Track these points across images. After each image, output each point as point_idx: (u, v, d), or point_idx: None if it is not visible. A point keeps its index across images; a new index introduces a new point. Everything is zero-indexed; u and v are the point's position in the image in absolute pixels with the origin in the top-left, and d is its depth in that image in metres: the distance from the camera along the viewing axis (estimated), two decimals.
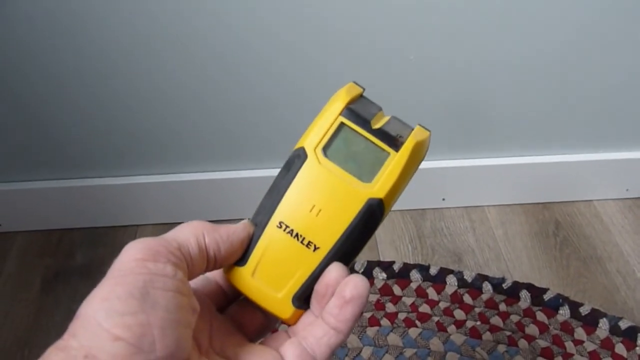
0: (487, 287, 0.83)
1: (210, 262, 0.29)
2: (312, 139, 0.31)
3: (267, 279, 0.31)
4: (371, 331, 0.78)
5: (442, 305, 0.81)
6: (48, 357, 0.24)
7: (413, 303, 0.81)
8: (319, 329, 0.30)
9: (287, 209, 0.31)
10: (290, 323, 0.31)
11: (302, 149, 0.31)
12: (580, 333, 0.78)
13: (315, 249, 0.30)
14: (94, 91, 0.79)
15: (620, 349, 0.76)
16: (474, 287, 0.83)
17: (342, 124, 0.31)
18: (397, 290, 0.83)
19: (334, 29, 0.74)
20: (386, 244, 0.91)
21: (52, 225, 0.93)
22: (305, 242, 0.30)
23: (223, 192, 0.91)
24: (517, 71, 0.82)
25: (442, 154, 0.92)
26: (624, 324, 0.78)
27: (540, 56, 0.81)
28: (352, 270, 0.83)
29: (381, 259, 0.88)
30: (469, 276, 0.84)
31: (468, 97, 0.85)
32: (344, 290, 0.29)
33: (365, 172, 0.31)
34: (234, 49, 0.75)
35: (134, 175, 0.89)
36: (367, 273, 0.85)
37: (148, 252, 0.26)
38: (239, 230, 0.30)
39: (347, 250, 0.30)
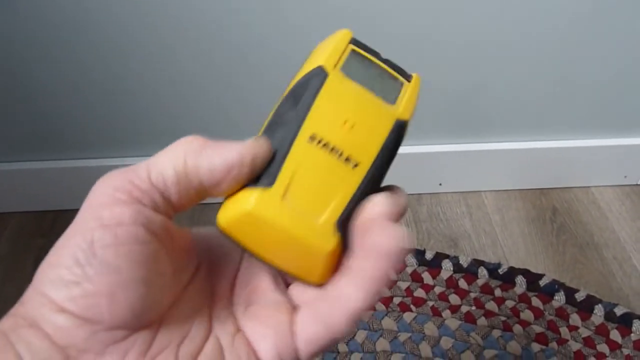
0: (482, 272, 0.83)
1: (202, 190, 0.25)
2: (329, 58, 0.28)
3: (304, 202, 0.25)
4: (365, 315, 0.77)
5: (437, 290, 0.81)
6: (2, 322, 0.23)
7: (408, 287, 0.81)
8: (339, 291, 0.25)
9: (317, 121, 0.26)
10: (334, 254, 0.25)
11: (320, 68, 0.27)
12: (575, 319, 0.78)
13: (355, 165, 0.26)
14: (90, 71, 0.78)
15: (615, 335, 0.76)
16: (470, 272, 0.83)
17: (354, 51, 0.29)
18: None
19: (334, 8, 0.73)
20: None
21: (46, 207, 0.93)
22: (344, 157, 0.26)
23: None
24: (515, 56, 0.81)
25: (439, 138, 0.92)
26: (619, 311, 0.78)
27: (540, 41, 0.80)
28: None
29: None
30: (464, 261, 0.84)
31: (466, 82, 0.84)
32: (375, 239, 0.24)
33: (388, 94, 0.28)
34: (235, 30, 0.74)
35: (129, 157, 0.89)
36: None
37: (108, 192, 0.23)
38: (239, 150, 0.25)
39: (382, 170, 0.27)
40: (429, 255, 0.85)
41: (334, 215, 0.25)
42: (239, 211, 0.25)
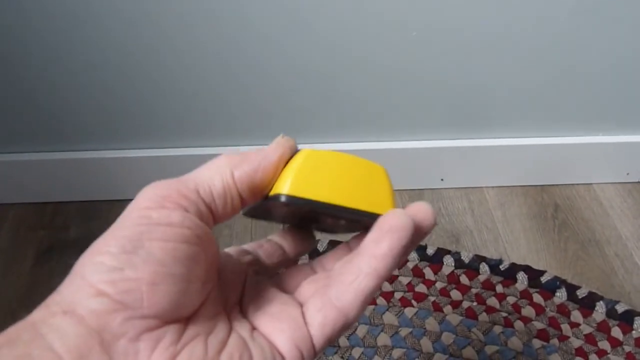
0: (484, 268, 0.83)
1: (246, 197, 0.27)
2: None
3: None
4: (367, 309, 0.77)
5: (439, 285, 0.81)
6: (33, 313, 0.22)
7: (409, 282, 0.81)
8: (348, 272, 0.26)
9: None
10: (385, 171, 0.28)
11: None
12: (576, 316, 0.78)
13: None
14: (90, 63, 0.77)
15: (616, 332, 0.76)
16: (471, 268, 0.83)
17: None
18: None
19: (337, 2, 0.73)
20: None
21: (46, 198, 0.92)
22: None
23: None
24: (517, 52, 0.81)
25: (441, 134, 0.91)
26: (620, 308, 0.78)
27: (542, 37, 0.80)
28: None
29: None
30: (466, 257, 0.84)
31: (468, 78, 0.84)
32: (383, 221, 0.25)
33: None
34: (235, 21, 0.74)
35: (130, 149, 0.88)
36: None
37: (156, 199, 0.24)
38: (272, 152, 0.27)
39: None
40: (430, 251, 0.85)
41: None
42: (299, 164, 0.26)
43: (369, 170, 0.27)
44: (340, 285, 0.26)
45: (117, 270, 0.22)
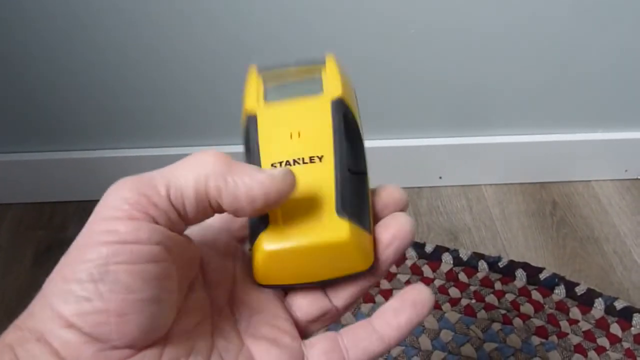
0: (482, 265, 0.83)
1: (220, 210, 0.25)
2: (250, 101, 0.30)
3: (301, 214, 0.26)
4: (365, 308, 0.77)
5: (437, 283, 0.81)
6: (6, 333, 0.22)
7: (408, 280, 0.81)
8: (362, 330, 0.26)
9: (269, 152, 0.28)
10: (356, 236, 0.26)
11: (247, 113, 0.30)
12: (575, 312, 0.78)
13: (321, 158, 0.27)
14: (88, 62, 0.77)
15: (615, 329, 0.76)
16: (470, 266, 0.83)
17: (265, 75, 0.31)
18: (392, 267, 0.82)
19: (337, 0, 0.73)
20: None
21: (44, 198, 0.92)
22: (307, 159, 0.27)
23: None
24: (515, 49, 0.81)
25: (439, 131, 0.91)
26: (619, 304, 0.78)
27: (540, 34, 0.80)
28: None
29: None
30: (464, 254, 0.84)
31: (466, 75, 0.84)
32: (407, 292, 0.25)
33: (312, 88, 0.30)
34: (235, 21, 0.74)
35: (128, 148, 0.88)
36: None
37: (123, 206, 0.22)
38: (264, 184, 0.24)
39: (350, 147, 0.28)
40: (428, 249, 0.85)
41: (330, 208, 0.26)
42: (260, 262, 0.26)
43: (331, 246, 0.26)
44: (353, 337, 0.26)
45: (85, 301, 0.21)
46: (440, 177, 0.96)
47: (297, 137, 0.28)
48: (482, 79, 0.85)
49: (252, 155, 0.28)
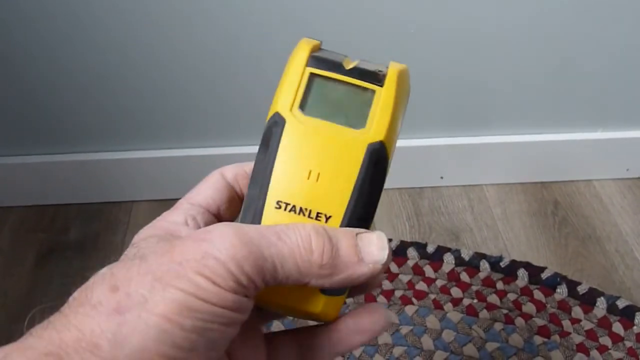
0: (484, 265, 0.83)
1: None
2: (285, 99, 0.27)
3: None
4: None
5: (439, 283, 0.81)
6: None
7: (410, 280, 0.81)
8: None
9: (281, 184, 0.26)
10: (327, 318, 0.26)
11: (277, 114, 0.27)
12: (577, 312, 0.77)
13: (327, 219, 0.25)
14: (90, 65, 0.77)
15: (617, 328, 0.76)
16: (471, 266, 0.83)
17: (312, 75, 0.27)
18: (393, 267, 0.82)
19: (336, 0, 0.73)
20: (383, 221, 0.91)
21: (46, 201, 0.92)
22: (314, 214, 0.25)
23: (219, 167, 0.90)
24: (516, 49, 0.81)
25: (441, 131, 0.91)
26: (621, 303, 0.78)
27: (541, 34, 0.80)
28: None
29: None
30: (466, 254, 0.84)
31: (467, 75, 0.84)
32: (363, 320, 0.26)
33: (355, 117, 0.26)
34: (235, 22, 0.74)
35: (129, 150, 0.88)
36: None
37: (239, 274, 0.22)
38: (359, 270, 0.24)
39: (362, 210, 0.26)
40: (430, 249, 0.85)
41: None
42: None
43: (303, 312, 0.26)
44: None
45: (179, 349, 0.21)
46: (442, 177, 0.96)
47: (314, 179, 0.26)
48: (483, 78, 0.85)
49: (264, 172, 0.26)
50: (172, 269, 0.21)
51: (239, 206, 0.28)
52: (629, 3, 0.77)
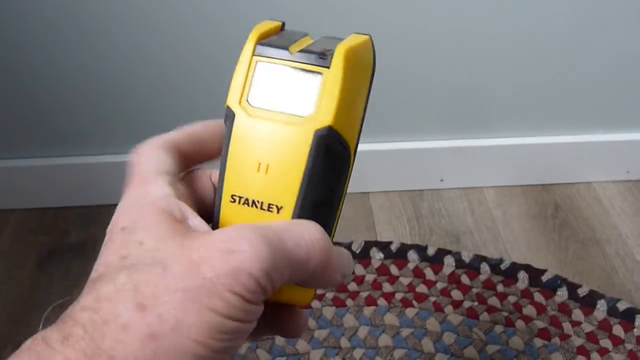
0: (484, 268, 0.83)
1: None
2: (234, 92, 0.27)
3: None
4: (368, 311, 0.77)
5: (440, 285, 0.81)
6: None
7: (410, 283, 0.81)
8: None
9: (234, 178, 0.26)
10: (308, 305, 0.29)
11: (227, 108, 0.27)
12: (578, 314, 0.77)
13: (279, 209, 0.25)
14: (89, 67, 0.77)
15: (618, 330, 0.76)
16: (472, 268, 0.83)
17: (258, 64, 0.27)
18: (394, 270, 0.82)
19: (336, 2, 0.73)
20: (384, 224, 0.91)
21: (46, 204, 0.92)
22: (265, 206, 0.25)
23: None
24: (517, 51, 0.81)
25: (441, 134, 0.91)
26: (622, 306, 0.78)
27: (541, 37, 0.80)
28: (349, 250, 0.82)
29: (378, 239, 0.88)
30: (466, 257, 0.84)
31: (467, 77, 0.84)
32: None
33: (302, 104, 0.25)
34: (236, 22, 0.74)
35: (130, 153, 0.88)
36: (365, 253, 0.84)
37: (254, 286, 0.21)
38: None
39: (316, 199, 0.26)
40: (430, 251, 0.85)
41: None
42: None
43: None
44: None
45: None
46: (442, 180, 0.96)
47: (264, 171, 0.25)
48: (483, 81, 0.85)
49: (221, 167, 0.27)
50: (202, 285, 0.20)
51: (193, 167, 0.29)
52: (629, 6, 0.77)
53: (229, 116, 0.26)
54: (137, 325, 0.20)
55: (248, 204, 0.26)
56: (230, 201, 0.26)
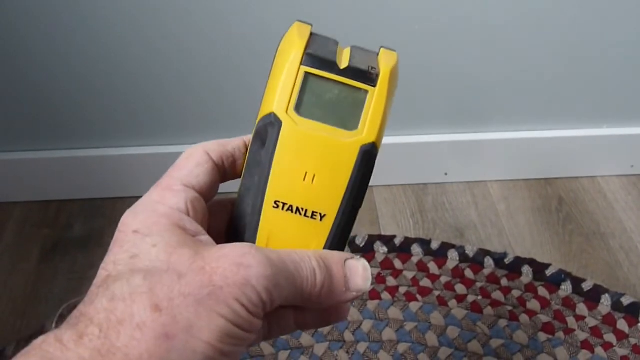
0: (488, 262, 0.83)
1: None
2: (280, 99, 0.28)
3: None
4: (372, 304, 0.77)
5: (443, 279, 0.81)
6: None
7: (414, 277, 0.81)
8: None
9: (279, 184, 0.27)
10: None
11: (273, 115, 0.28)
12: (582, 309, 0.77)
13: (322, 217, 0.28)
14: (93, 60, 0.77)
15: (622, 324, 0.76)
16: (476, 262, 0.83)
17: (307, 75, 0.28)
18: (398, 264, 0.82)
19: None
20: (387, 218, 0.90)
21: (50, 197, 0.92)
22: (309, 213, 0.27)
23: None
24: (522, 45, 0.81)
25: (445, 128, 0.91)
26: (626, 300, 0.78)
27: (545, 30, 0.79)
28: (352, 246, 0.82)
29: (382, 233, 0.87)
30: (470, 251, 0.84)
31: (471, 71, 0.84)
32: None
33: (348, 119, 0.28)
34: (239, 18, 0.74)
35: (133, 146, 0.88)
36: (368, 247, 0.84)
37: (258, 300, 0.23)
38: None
39: (353, 207, 0.28)
40: (434, 245, 0.84)
41: None
42: None
43: None
44: None
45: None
46: (446, 174, 0.96)
47: (310, 180, 0.27)
48: (487, 75, 0.84)
49: (261, 170, 0.27)
50: (213, 292, 0.22)
51: (218, 187, 0.29)
52: (633, 3, 0.77)
53: (275, 123, 0.27)
54: (153, 325, 0.21)
55: (292, 211, 0.27)
56: (274, 207, 0.27)
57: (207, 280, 0.22)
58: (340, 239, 0.28)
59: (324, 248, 0.28)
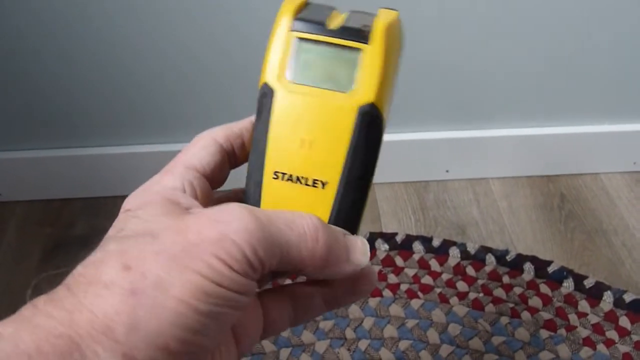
0: (490, 259, 0.83)
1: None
2: (272, 69, 0.27)
3: None
4: (373, 302, 0.77)
5: (445, 276, 0.80)
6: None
7: (415, 274, 0.81)
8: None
9: (276, 154, 0.26)
10: None
11: (265, 85, 0.27)
12: (584, 306, 0.77)
13: (324, 185, 0.26)
14: (96, 57, 0.77)
15: (624, 321, 0.75)
16: (477, 259, 0.82)
17: (297, 40, 0.27)
18: (399, 261, 0.82)
19: None
20: (389, 215, 0.90)
21: (52, 195, 0.92)
22: (310, 182, 0.26)
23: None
24: (523, 41, 0.81)
25: (446, 125, 0.91)
26: (628, 297, 0.78)
27: (547, 26, 0.79)
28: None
29: (384, 231, 0.87)
30: (472, 248, 0.84)
31: (473, 68, 0.83)
32: (359, 283, 0.28)
33: (343, 80, 0.26)
34: (242, 16, 0.74)
35: (135, 145, 0.88)
36: (370, 244, 0.83)
37: (250, 258, 0.22)
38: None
39: (359, 173, 0.26)
40: (436, 243, 0.84)
41: None
42: None
43: None
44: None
45: (191, 331, 0.21)
46: (447, 171, 0.96)
47: (307, 147, 0.26)
48: (488, 71, 0.84)
49: (259, 143, 0.27)
50: (188, 249, 0.21)
51: (228, 170, 0.29)
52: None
53: (267, 93, 0.27)
54: (120, 282, 0.20)
55: (292, 180, 0.26)
56: (273, 177, 0.26)
57: (182, 239, 0.21)
58: (347, 212, 0.26)
59: (330, 217, 0.26)
